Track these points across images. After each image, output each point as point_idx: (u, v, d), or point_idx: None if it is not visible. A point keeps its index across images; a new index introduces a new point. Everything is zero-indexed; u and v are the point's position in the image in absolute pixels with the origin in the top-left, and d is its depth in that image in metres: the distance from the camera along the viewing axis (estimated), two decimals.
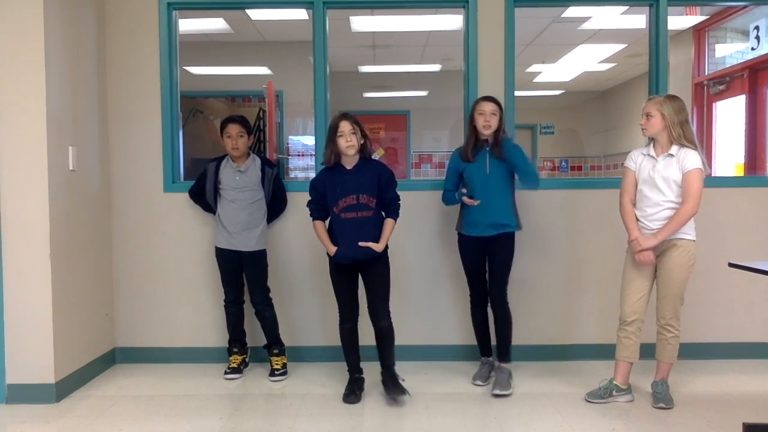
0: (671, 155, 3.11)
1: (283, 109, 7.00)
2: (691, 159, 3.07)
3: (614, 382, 3.27)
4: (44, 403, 3.29)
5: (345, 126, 3.14)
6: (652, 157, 3.16)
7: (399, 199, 3.31)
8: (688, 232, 3.12)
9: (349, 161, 3.21)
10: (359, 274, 3.29)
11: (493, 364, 3.64)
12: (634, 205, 3.23)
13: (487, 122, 3.38)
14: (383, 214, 3.28)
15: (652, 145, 3.21)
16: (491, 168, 3.41)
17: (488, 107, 3.40)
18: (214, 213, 3.77)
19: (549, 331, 4.01)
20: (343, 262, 3.21)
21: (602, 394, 3.25)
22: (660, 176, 3.11)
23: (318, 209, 3.28)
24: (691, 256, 3.12)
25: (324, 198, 3.24)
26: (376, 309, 3.24)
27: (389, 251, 3.31)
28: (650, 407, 3.17)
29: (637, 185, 3.22)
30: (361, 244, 3.15)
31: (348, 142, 3.13)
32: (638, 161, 3.23)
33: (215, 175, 3.71)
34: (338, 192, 3.18)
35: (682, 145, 3.10)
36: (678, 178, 3.09)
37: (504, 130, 3.46)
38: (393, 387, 3.24)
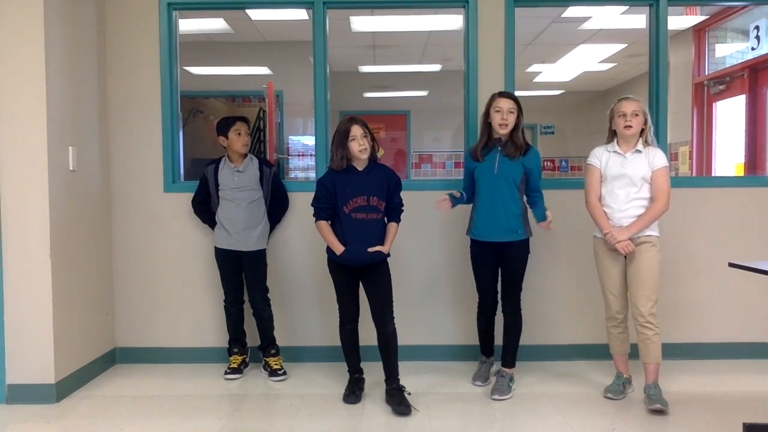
0: (639, 151, 3.20)
1: (283, 109, 7.00)
2: (660, 157, 3.20)
3: (625, 376, 3.33)
4: (44, 403, 3.29)
5: (357, 130, 3.13)
6: (619, 153, 3.22)
7: (403, 205, 3.32)
8: (654, 229, 3.20)
9: (361, 163, 3.21)
10: (360, 277, 3.28)
11: (492, 365, 3.63)
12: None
13: (504, 120, 3.23)
14: (385, 219, 3.27)
15: (615, 142, 3.26)
16: (500, 168, 3.26)
17: (506, 104, 3.23)
18: (212, 226, 3.76)
19: (549, 331, 4.00)
20: (351, 264, 3.20)
21: (621, 390, 3.31)
22: (631, 172, 3.17)
23: (324, 208, 3.22)
24: (658, 251, 3.20)
25: (333, 196, 3.19)
26: (383, 314, 3.21)
27: (389, 258, 3.29)
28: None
29: (602, 183, 3.26)
30: (370, 250, 3.14)
31: (361, 145, 3.12)
32: (603, 159, 3.27)
33: (215, 178, 3.72)
34: (349, 192, 3.17)
35: (647, 143, 3.21)
36: (647, 175, 3.17)
37: (523, 130, 3.30)
38: (398, 403, 3.15)
